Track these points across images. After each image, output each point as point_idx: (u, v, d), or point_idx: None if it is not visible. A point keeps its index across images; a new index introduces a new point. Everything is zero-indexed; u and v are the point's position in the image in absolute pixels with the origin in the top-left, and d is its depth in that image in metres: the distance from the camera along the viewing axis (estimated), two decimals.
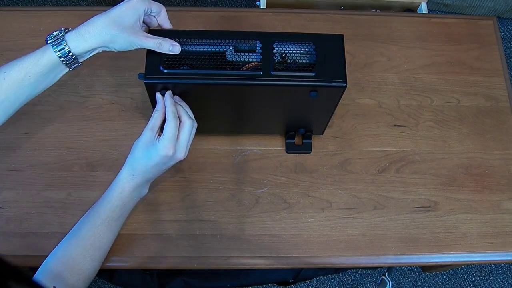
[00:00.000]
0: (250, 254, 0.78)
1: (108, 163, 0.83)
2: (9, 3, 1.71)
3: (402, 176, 0.85)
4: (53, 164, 0.82)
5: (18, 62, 0.64)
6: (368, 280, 1.42)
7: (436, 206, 0.83)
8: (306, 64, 0.68)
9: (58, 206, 0.79)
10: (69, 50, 0.64)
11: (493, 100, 0.92)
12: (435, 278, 1.43)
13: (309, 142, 0.86)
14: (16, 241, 0.77)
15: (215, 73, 0.65)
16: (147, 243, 0.78)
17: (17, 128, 0.84)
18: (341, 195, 0.83)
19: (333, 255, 0.79)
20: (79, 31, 0.64)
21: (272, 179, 0.83)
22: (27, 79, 0.64)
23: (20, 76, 0.63)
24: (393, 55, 0.95)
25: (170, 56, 0.66)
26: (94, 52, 0.67)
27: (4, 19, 0.93)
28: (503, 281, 1.44)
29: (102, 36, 0.64)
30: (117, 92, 0.88)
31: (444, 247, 0.80)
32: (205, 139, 0.85)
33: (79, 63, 0.66)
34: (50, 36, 0.64)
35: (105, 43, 0.65)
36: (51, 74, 0.66)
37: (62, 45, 0.63)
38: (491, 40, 0.97)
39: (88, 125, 0.85)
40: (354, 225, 0.81)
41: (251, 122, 0.81)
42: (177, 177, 0.82)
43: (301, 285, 1.40)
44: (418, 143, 0.88)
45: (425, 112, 0.90)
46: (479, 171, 0.86)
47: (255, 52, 0.68)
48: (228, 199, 0.81)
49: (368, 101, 0.91)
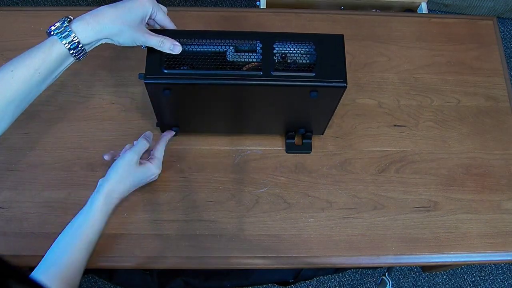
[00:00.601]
0: (250, 254, 0.78)
1: (108, 163, 0.82)
2: (9, 3, 1.71)
3: (402, 176, 0.85)
4: (53, 164, 0.82)
5: (25, 59, 0.61)
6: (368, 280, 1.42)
7: (436, 206, 0.83)
8: (307, 64, 0.68)
9: (58, 206, 0.79)
10: (78, 41, 0.62)
11: (493, 100, 0.92)
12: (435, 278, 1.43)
13: (309, 142, 0.86)
14: (16, 241, 0.77)
15: (215, 73, 0.65)
16: (147, 243, 0.78)
17: (17, 128, 0.84)
18: (341, 195, 0.83)
19: (333, 255, 0.79)
20: (86, 20, 0.62)
21: (272, 179, 0.83)
22: (37, 76, 0.61)
23: (30, 74, 0.61)
24: (393, 55, 0.95)
25: (171, 56, 0.66)
26: (98, 43, 0.66)
27: (4, 19, 0.93)
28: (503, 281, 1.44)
29: (110, 28, 0.63)
30: (117, 92, 0.88)
31: (444, 247, 0.80)
32: (205, 139, 0.85)
33: (86, 53, 0.65)
34: (53, 28, 0.62)
35: (111, 35, 0.64)
36: (60, 68, 0.64)
37: (71, 37, 0.61)
38: (491, 40, 0.97)
39: (88, 125, 0.85)
40: (354, 225, 0.81)
41: (251, 122, 0.81)
42: (177, 177, 0.82)
43: (301, 285, 1.40)
44: (418, 143, 0.88)
45: (425, 112, 0.90)
46: (479, 171, 0.86)
47: (255, 52, 0.68)
48: (228, 199, 0.81)
49: (368, 101, 0.91)
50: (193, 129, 0.84)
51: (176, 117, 0.79)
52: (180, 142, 0.85)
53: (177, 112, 0.77)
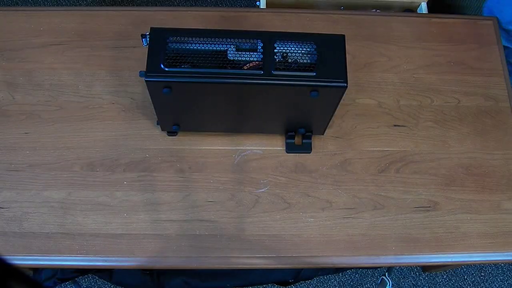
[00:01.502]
0: (250, 254, 0.78)
1: (108, 163, 0.82)
2: (9, 3, 1.71)
3: (402, 176, 0.85)
4: (53, 164, 0.82)
5: None
6: (368, 280, 1.42)
7: (436, 206, 0.83)
8: (307, 64, 0.68)
9: (58, 206, 0.79)
10: None
11: (493, 100, 0.92)
12: (435, 278, 1.43)
13: (309, 142, 0.86)
14: (16, 241, 0.77)
15: (216, 72, 0.65)
16: (147, 243, 0.78)
17: (17, 128, 0.84)
18: (341, 195, 0.83)
19: (333, 255, 0.79)
20: None
21: (272, 179, 0.83)
22: None
23: None
24: (393, 55, 0.95)
25: (172, 54, 0.66)
26: None
27: (4, 19, 0.93)
28: (503, 281, 1.44)
29: None
30: (117, 92, 0.88)
31: (444, 247, 0.80)
32: (205, 139, 0.85)
33: None
34: None
35: None
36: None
37: None
38: (491, 40, 0.97)
39: (88, 125, 0.85)
40: (354, 225, 0.81)
41: (252, 122, 0.81)
42: (177, 177, 0.82)
43: (301, 285, 1.40)
44: (418, 143, 0.88)
45: (425, 112, 0.90)
46: (479, 171, 0.86)
47: (256, 52, 0.68)
48: (228, 199, 0.81)
49: (368, 101, 0.90)
50: (193, 128, 0.83)
51: (176, 116, 0.78)
52: (180, 142, 0.85)
53: (177, 110, 0.77)
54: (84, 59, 0.90)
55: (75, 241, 0.77)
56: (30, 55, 0.90)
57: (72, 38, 0.91)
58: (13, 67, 0.89)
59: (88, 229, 0.78)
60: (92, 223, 0.78)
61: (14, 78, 0.88)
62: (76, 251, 0.77)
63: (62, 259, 0.77)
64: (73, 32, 0.92)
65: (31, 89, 0.87)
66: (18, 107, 0.86)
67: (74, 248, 0.77)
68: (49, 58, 0.90)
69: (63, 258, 0.77)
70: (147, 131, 0.85)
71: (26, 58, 0.89)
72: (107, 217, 0.79)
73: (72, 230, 0.78)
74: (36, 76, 0.88)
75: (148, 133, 0.85)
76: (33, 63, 0.89)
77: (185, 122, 0.80)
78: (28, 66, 0.89)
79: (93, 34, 0.92)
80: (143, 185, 0.81)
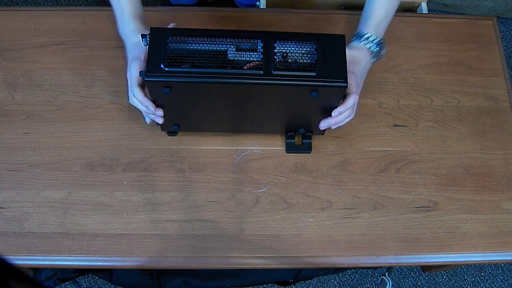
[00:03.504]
0: (250, 254, 0.78)
1: (108, 163, 0.83)
2: (9, 3, 1.71)
3: (402, 176, 0.85)
4: (53, 164, 0.82)
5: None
6: (368, 280, 1.42)
7: (436, 206, 0.83)
8: (307, 63, 0.68)
9: (58, 206, 0.79)
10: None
11: (493, 100, 0.92)
12: (435, 278, 1.43)
13: (309, 142, 0.86)
14: (16, 241, 0.77)
15: (216, 72, 0.65)
16: (147, 243, 0.78)
17: (17, 128, 0.84)
18: (341, 195, 0.83)
19: (333, 255, 0.79)
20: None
21: (272, 179, 0.83)
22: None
23: None
24: (393, 55, 0.95)
25: (172, 54, 0.66)
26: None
27: (4, 19, 0.93)
28: (503, 281, 1.44)
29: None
30: (117, 92, 0.88)
31: (444, 247, 0.80)
32: (205, 139, 0.85)
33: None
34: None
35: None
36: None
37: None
38: (491, 40, 0.97)
39: (88, 125, 0.85)
40: (354, 225, 0.81)
41: (252, 122, 0.81)
42: (177, 177, 0.82)
43: (301, 285, 1.40)
44: (418, 143, 0.88)
45: (425, 112, 0.90)
46: (479, 171, 0.86)
47: (256, 51, 0.68)
48: (228, 199, 0.81)
49: (368, 101, 0.90)
50: (193, 128, 0.84)
51: (176, 116, 0.78)
52: (180, 142, 0.85)
53: (177, 110, 0.77)
54: (84, 59, 0.90)
55: (75, 241, 0.77)
56: (30, 55, 0.90)
57: (72, 38, 0.91)
58: (13, 67, 0.89)
59: (88, 229, 0.78)
60: (92, 223, 0.78)
61: (14, 78, 0.88)
62: (76, 251, 0.77)
63: (62, 259, 0.77)
64: (73, 32, 0.92)
65: (31, 89, 0.87)
66: (18, 107, 0.86)
67: (74, 248, 0.77)
68: (49, 58, 0.90)
69: (63, 258, 0.77)
70: (147, 131, 0.85)
71: (26, 58, 0.89)
72: (107, 217, 0.79)
73: (72, 230, 0.78)
74: (36, 76, 0.88)
75: (148, 133, 0.85)
76: (33, 63, 0.89)
77: (185, 122, 0.80)
78: (28, 66, 0.89)
79: (93, 34, 0.92)
80: (143, 185, 0.81)
